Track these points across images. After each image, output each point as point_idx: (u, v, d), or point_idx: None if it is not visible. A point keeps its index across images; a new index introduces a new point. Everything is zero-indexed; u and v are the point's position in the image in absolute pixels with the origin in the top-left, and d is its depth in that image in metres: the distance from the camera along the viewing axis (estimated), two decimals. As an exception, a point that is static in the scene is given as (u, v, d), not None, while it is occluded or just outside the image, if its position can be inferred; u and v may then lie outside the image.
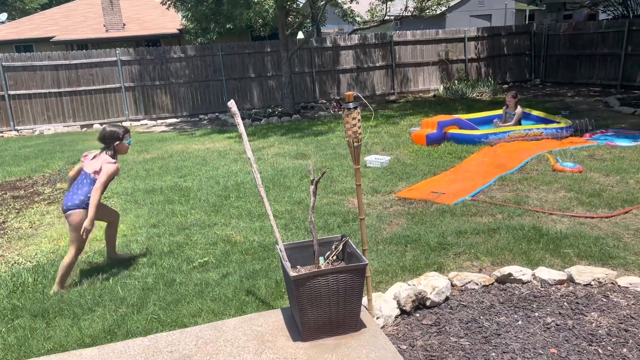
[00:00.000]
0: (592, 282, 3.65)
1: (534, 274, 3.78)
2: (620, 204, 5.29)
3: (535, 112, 9.72)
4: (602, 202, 5.39)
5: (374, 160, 7.43)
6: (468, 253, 4.34)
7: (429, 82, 16.54)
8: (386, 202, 5.82)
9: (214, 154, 9.06)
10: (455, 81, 15.82)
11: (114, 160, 4.01)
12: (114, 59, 13.74)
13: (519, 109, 9.11)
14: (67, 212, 3.92)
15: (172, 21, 20.79)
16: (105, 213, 4.22)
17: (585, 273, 3.71)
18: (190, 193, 6.54)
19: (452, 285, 3.73)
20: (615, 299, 3.46)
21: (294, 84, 14.49)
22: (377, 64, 15.81)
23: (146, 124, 13.78)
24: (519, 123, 9.07)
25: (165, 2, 12.65)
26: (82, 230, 3.84)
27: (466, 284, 3.72)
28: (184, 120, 14.03)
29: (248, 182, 6.53)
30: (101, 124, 13.80)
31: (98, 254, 4.77)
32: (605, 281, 3.65)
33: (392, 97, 15.89)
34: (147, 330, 3.44)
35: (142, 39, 19.52)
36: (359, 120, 3.20)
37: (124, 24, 20.38)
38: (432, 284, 3.60)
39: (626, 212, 5.08)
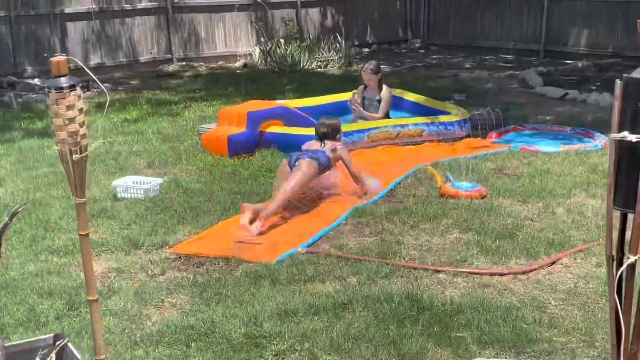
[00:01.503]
0: (500, 386, 3.98)
1: (408, 380, 4.00)
2: (544, 250, 5.92)
3: (411, 97, 10.48)
4: (517, 247, 5.98)
5: (132, 185, 7.36)
6: (299, 350, 4.46)
7: (236, 42, 16.96)
8: (154, 265, 5.79)
9: None
10: (281, 41, 16.46)
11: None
12: None
13: (385, 92, 9.76)
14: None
15: None
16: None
17: (488, 371, 4.03)
18: None
19: (270, 413, 3.77)
20: (535, 411, 3.81)
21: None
22: (139, 5, 15.79)
23: None
24: (386, 115, 9.71)
25: None
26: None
27: (294, 408, 3.79)
28: None
29: None
30: None
31: None
32: (520, 382, 4.00)
33: (170, 68, 15.92)
34: None
35: None
36: (81, 110, 3.14)
37: None
38: (233, 414, 3.60)
39: (553, 263, 5.69)
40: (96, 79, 3.51)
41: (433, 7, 18.86)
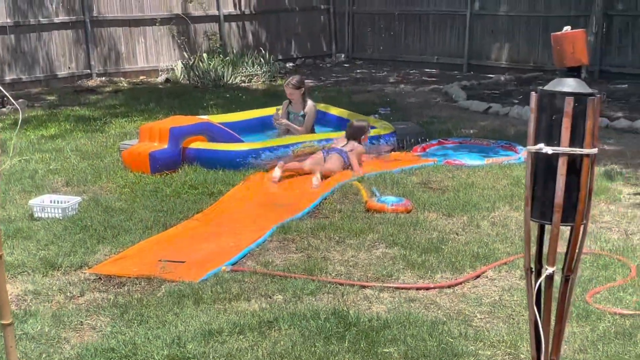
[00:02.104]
0: (427, 400, 4.01)
1: (334, 398, 3.99)
2: (469, 263, 6.01)
3: (336, 111, 10.55)
4: (443, 261, 6.06)
5: (50, 204, 7.26)
6: (224, 371, 4.43)
7: (157, 57, 16.89)
8: (73, 286, 5.69)
9: None
10: (204, 55, 16.42)
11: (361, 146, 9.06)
12: None
13: (309, 106, 9.82)
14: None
15: None
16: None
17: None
18: None
19: None
20: None
21: None
22: (56, 20, 15.60)
23: None
24: (311, 130, 9.76)
25: None
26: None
27: None
28: None
29: None
30: None
31: None
32: (446, 396, 4.04)
33: (90, 83, 15.73)
34: None
35: None
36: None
37: None
38: None
39: (478, 276, 5.78)
40: (8, 95, 3.44)
41: (357, 21, 19.06)
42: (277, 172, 8.33)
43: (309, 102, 9.89)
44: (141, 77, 16.55)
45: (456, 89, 14.16)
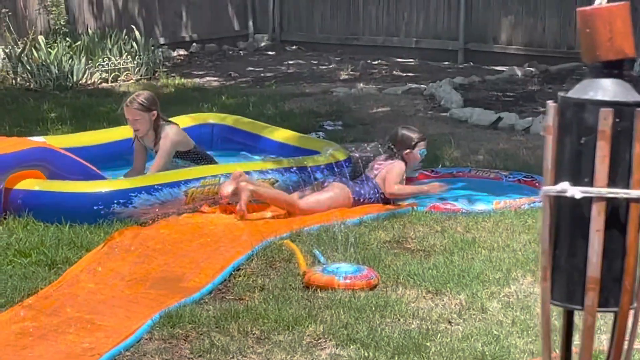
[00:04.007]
0: None
1: None
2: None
3: (252, 128, 10.61)
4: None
5: None
6: None
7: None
8: None
9: None
10: (41, 39, 16.35)
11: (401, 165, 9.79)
12: None
13: (168, 138, 9.77)
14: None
15: None
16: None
17: None
18: None
19: None
20: None
21: None
22: None
23: None
24: (198, 159, 9.87)
25: None
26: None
27: None
28: None
29: None
30: None
31: None
32: None
33: None
34: None
35: None
36: None
37: None
38: None
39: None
40: None
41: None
42: (228, 188, 8.99)
43: (168, 133, 9.86)
44: None
45: (447, 90, 14.27)
